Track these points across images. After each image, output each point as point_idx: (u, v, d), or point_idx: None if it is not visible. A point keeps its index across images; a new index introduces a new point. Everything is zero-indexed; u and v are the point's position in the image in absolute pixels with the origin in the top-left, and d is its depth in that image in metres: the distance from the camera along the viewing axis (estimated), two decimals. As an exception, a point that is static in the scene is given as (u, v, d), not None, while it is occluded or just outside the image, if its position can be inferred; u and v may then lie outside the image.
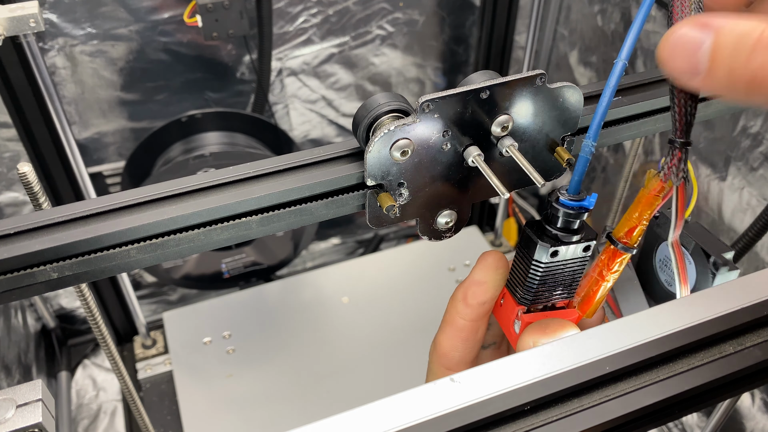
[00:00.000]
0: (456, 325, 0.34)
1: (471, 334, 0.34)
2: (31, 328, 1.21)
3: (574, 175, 0.29)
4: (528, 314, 0.32)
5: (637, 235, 0.30)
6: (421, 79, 1.33)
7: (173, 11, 1.06)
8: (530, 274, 0.31)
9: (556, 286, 0.32)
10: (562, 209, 0.29)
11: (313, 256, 1.48)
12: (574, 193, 0.29)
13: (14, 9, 0.68)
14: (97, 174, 1.15)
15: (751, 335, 0.28)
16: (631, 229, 0.30)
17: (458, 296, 0.34)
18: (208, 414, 1.10)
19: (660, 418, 0.27)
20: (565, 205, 0.29)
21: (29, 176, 0.53)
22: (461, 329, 0.34)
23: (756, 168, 0.90)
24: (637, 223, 0.30)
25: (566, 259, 0.31)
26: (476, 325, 0.34)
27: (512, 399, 0.25)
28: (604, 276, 0.31)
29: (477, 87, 0.30)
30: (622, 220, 0.30)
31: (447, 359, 0.35)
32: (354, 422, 0.24)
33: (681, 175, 0.28)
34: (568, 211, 0.29)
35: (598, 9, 1.16)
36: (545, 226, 0.30)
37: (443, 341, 0.35)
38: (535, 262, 0.30)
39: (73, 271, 0.28)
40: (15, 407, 0.24)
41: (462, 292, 0.33)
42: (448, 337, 0.34)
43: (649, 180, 0.29)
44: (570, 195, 0.29)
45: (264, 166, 0.31)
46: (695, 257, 0.32)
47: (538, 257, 0.30)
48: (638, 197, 0.29)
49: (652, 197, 0.29)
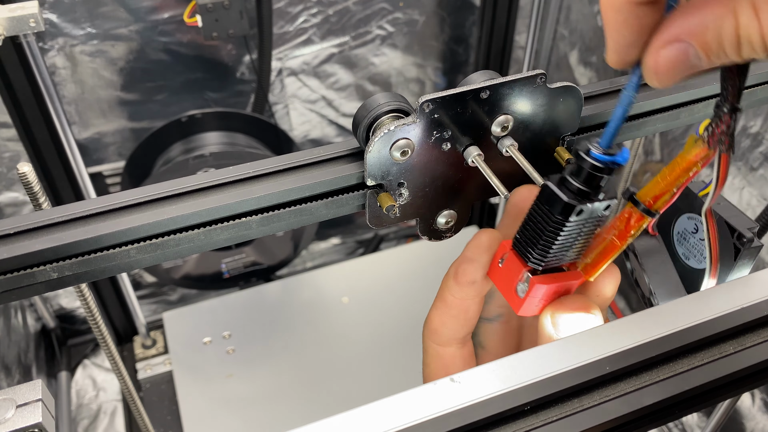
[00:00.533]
0: (446, 301, 0.33)
1: (461, 311, 0.34)
2: (31, 328, 1.21)
3: (609, 128, 0.26)
4: (539, 275, 0.30)
5: (663, 200, 0.28)
6: (421, 79, 1.33)
7: (173, 11, 1.06)
8: (548, 233, 0.28)
9: (571, 247, 0.29)
10: (593, 162, 0.27)
11: (313, 256, 1.48)
12: (606, 146, 0.27)
13: (14, 9, 0.68)
14: (97, 174, 1.15)
15: (751, 335, 0.28)
16: (660, 193, 0.28)
17: (450, 273, 0.33)
18: (208, 414, 1.10)
19: (660, 418, 0.27)
20: (597, 158, 0.27)
21: (29, 176, 0.53)
22: (451, 306, 0.33)
23: (756, 168, 0.90)
24: (668, 188, 0.28)
25: (589, 218, 0.28)
26: (466, 303, 0.33)
27: (512, 399, 0.25)
28: (621, 240, 0.29)
29: (477, 87, 0.30)
30: (651, 182, 0.28)
31: (437, 335, 0.35)
32: (354, 422, 0.24)
33: (728, 143, 0.26)
34: (599, 165, 0.27)
35: (598, 9, 1.16)
36: (571, 180, 0.28)
37: (434, 317, 0.34)
38: (557, 220, 0.28)
39: (73, 271, 0.28)
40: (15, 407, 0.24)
41: (454, 269, 0.33)
42: (438, 314, 0.34)
43: (690, 145, 0.27)
44: (603, 148, 0.27)
45: (264, 166, 0.31)
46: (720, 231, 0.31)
47: (563, 216, 0.28)
48: (675, 161, 0.27)
49: (692, 163, 0.27)
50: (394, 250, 1.39)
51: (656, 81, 0.24)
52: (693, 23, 0.22)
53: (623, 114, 0.26)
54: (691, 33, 0.22)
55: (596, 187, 0.28)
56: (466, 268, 0.32)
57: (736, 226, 0.30)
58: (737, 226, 0.30)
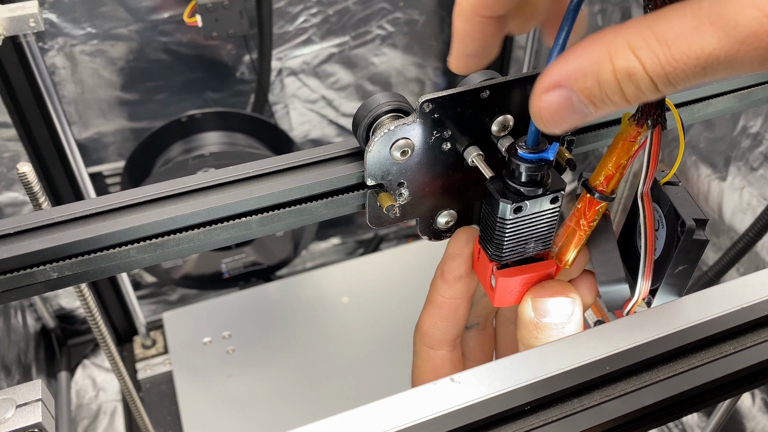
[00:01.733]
0: (435, 302, 0.34)
1: (450, 311, 0.34)
2: (31, 328, 1.21)
3: (531, 126, 0.27)
4: (503, 269, 0.31)
5: (614, 183, 0.29)
6: (421, 79, 1.33)
7: (173, 11, 1.06)
8: (497, 231, 0.30)
9: (529, 240, 0.30)
10: (522, 163, 0.28)
11: (313, 256, 1.48)
12: (533, 144, 0.28)
13: (14, 9, 0.68)
14: (96, 174, 1.15)
15: (751, 335, 0.28)
16: (607, 177, 0.28)
17: (437, 274, 0.34)
18: (208, 414, 1.10)
19: (660, 418, 0.27)
20: (523, 158, 0.28)
21: (29, 176, 0.53)
22: (440, 306, 0.34)
23: (756, 168, 0.90)
24: (614, 171, 0.28)
25: (533, 213, 0.29)
26: (455, 303, 0.34)
27: (512, 399, 0.25)
28: (582, 226, 0.30)
29: (477, 87, 0.30)
30: (597, 167, 0.29)
31: (428, 338, 0.35)
32: (354, 422, 0.24)
33: (657, 119, 0.26)
34: (527, 165, 0.28)
35: (598, 9, 1.16)
36: (507, 181, 0.29)
37: (424, 319, 0.35)
38: (499, 219, 0.29)
39: (72, 271, 0.28)
40: (15, 407, 0.24)
41: (440, 269, 0.34)
42: (428, 316, 0.35)
43: (624, 124, 0.28)
44: (528, 147, 0.28)
45: (264, 166, 0.31)
46: (668, 220, 0.30)
47: (501, 214, 0.29)
48: (614, 143, 0.28)
49: (628, 143, 0.27)
50: (394, 250, 1.39)
51: (543, 126, 0.23)
52: (571, 68, 0.21)
53: None
54: (570, 79, 0.21)
55: (537, 183, 0.29)
56: (451, 264, 0.33)
57: (682, 214, 0.29)
58: (683, 213, 0.29)
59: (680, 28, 0.19)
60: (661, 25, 0.19)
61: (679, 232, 0.29)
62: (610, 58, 0.20)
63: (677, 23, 0.19)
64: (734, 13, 0.18)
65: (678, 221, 0.29)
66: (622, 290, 0.31)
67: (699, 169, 0.98)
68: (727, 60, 0.19)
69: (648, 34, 0.20)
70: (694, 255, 0.29)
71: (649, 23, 0.20)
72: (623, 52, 0.20)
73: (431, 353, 0.36)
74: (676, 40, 0.19)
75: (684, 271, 0.30)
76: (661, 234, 0.31)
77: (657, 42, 0.19)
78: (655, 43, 0.19)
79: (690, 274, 0.30)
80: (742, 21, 0.18)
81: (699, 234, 0.29)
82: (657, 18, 0.20)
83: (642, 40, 0.20)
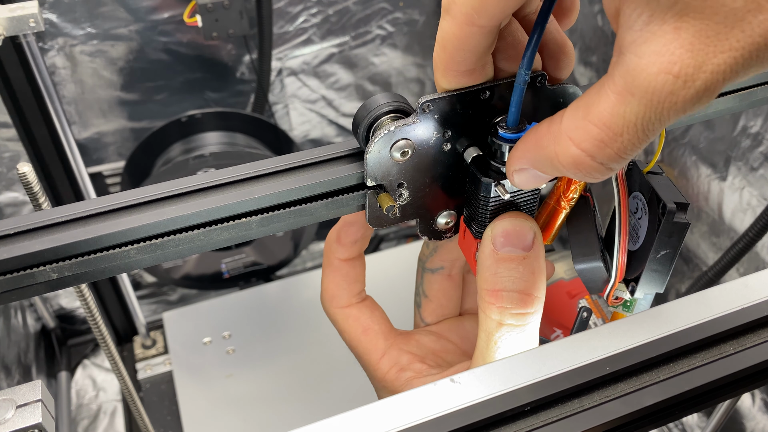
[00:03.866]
0: (333, 265, 0.37)
1: (350, 269, 0.37)
2: (31, 328, 1.21)
3: (511, 107, 0.28)
4: None
5: None
6: (421, 79, 1.33)
7: (173, 11, 1.06)
8: (481, 209, 0.31)
9: None
10: (503, 143, 0.29)
11: (313, 256, 1.48)
12: (513, 125, 0.29)
13: (14, 9, 0.68)
14: (96, 174, 1.15)
15: (751, 335, 0.28)
16: None
17: (332, 239, 0.37)
18: (208, 414, 1.10)
19: (660, 418, 0.27)
20: (504, 138, 0.29)
21: (29, 176, 0.53)
22: (339, 268, 0.37)
23: (756, 168, 0.90)
24: None
25: (514, 191, 0.31)
26: (352, 263, 0.37)
27: (512, 399, 0.25)
28: (561, 204, 0.31)
29: (477, 87, 0.30)
30: None
31: (337, 299, 0.38)
32: (354, 422, 0.24)
33: None
34: (509, 144, 0.29)
35: (598, 9, 1.16)
36: (489, 161, 0.30)
37: (327, 284, 0.38)
38: (482, 197, 0.31)
39: (72, 271, 0.28)
40: (15, 408, 0.24)
41: (335, 234, 0.37)
42: (330, 279, 0.38)
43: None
44: (509, 127, 0.29)
45: (264, 166, 0.31)
46: (650, 206, 0.30)
47: (484, 193, 0.30)
48: None
49: None
50: (394, 250, 1.39)
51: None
52: (530, 160, 0.26)
53: (521, 93, 0.28)
54: (532, 166, 0.26)
55: None
56: (348, 230, 0.36)
57: (663, 197, 0.29)
58: (664, 197, 0.29)
59: (610, 107, 0.22)
60: (594, 111, 0.22)
61: (660, 215, 0.29)
62: (557, 156, 0.24)
63: (605, 105, 0.22)
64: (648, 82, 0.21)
65: (659, 204, 0.29)
66: (599, 270, 0.32)
67: (699, 169, 0.98)
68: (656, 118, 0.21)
69: (585, 124, 0.23)
70: (675, 239, 0.30)
71: (582, 114, 0.23)
72: (569, 149, 0.23)
73: (346, 311, 0.38)
74: (610, 119, 0.22)
75: (666, 256, 0.30)
76: (644, 222, 0.31)
77: (596, 127, 0.22)
78: (594, 128, 0.22)
79: (673, 259, 0.31)
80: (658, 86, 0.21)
81: (680, 217, 0.29)
82: (587, 106, 0.23)
83: (584, 133, 0.23)
